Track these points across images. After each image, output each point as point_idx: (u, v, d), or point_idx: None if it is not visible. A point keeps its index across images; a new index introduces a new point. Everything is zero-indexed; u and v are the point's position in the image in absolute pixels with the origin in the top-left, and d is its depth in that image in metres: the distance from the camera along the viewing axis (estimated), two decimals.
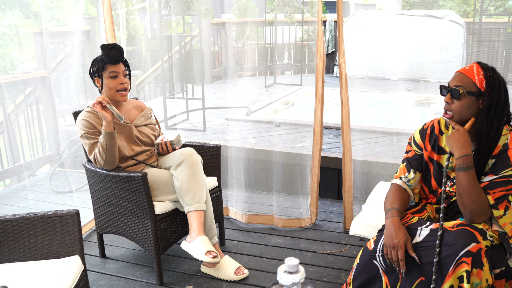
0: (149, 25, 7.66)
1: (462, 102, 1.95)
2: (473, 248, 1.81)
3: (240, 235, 3.35)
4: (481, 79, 1.94)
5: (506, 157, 1.93)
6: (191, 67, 5.67)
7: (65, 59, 4.41)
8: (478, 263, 1.82)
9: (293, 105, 6.29)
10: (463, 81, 1.95)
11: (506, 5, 4.17)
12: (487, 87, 1.93)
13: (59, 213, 2.12)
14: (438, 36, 7.33)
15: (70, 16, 4.59)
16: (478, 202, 1.91)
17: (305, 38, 8.03)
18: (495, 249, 1.93)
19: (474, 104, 1.95)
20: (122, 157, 2.76)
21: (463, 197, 1.92)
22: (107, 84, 2.70)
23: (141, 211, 2.67)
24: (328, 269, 2.86)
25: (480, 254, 1.81)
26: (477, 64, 1.97)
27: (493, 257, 1.89)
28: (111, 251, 3.15)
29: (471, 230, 1.88)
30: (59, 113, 4.54)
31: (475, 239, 1.84)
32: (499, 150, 1.96)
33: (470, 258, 1.80)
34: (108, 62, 2.67)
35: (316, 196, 3.40)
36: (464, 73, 1.97)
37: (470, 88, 1.94)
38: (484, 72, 1.94)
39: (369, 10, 11.66)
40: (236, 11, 8.00)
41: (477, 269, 1.81)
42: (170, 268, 2.92)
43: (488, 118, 1.94)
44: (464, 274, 1.80)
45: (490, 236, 1.93)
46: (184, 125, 5.15)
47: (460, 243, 1.83)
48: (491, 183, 1.94)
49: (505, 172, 1.92)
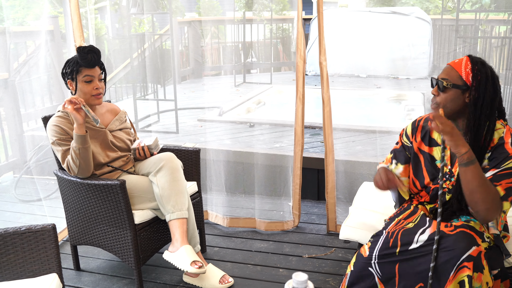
0: (111, 24, 7.42)
1: (447, 95, 1.91)
2: (473, 252, 1.76)
3: (221, 241, 3.23)
4: (468, 72, 1.90)
5: (503, 150, 1.89)
6: (161, 67, 5.50)
7: (28, 60, 4.17)
8: (479, 267, 1.76)
9: (264, 104, 6.21)
10: (450, 74, 1.93)
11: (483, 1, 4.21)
12: (473, 80, 1.89)
13: (34, 228, 1.95)
14: (405, 33, 7.39)
15: (27, 16, 4.37)
16: (492, 195, 1.81)
17: (274, 36, 7.96)
18: (492, 250, 1.89)
19: (459, 97, 1.91)
20: (97, 164, 2.59)
21: (476, 193, 1.81)
22: (82, 88, 2.53)
23: (120, 220, 2.52)
24: (316, 274, 2.79)
25: (481, 257, 1.76)
26: (467, 57, 1.93)
27: (490, 258, 1.84)
28: (86, 263, 2.97)
29: (470, 232, 1.83)
30: (23, 117, 4.30)
31: (475, 242, 1.79)
32: (494, 144, 1.91)
33: (471, 262, 1.75)
34: (84, 65, 2.50)
35: (299, 198, 3.32)
36: (452, 65, 1.94)
37: (456, 81, 1.90)
38: (472, 66, 1.90)
39: (331, 8, 11.70)
40: (199, 9, 7.85)
41: (477, 273, 1.76)
42: (150, 279, 2.77)
43: (476, 112, 1.89)
44: (466, 279, 1.75)
45: (487, 238, 1.89)
46: (155, 127, 4.99)
47: (460, 247, 1.77)
48: (495, 176, 1.86)
49: (507, 164, 1.86)
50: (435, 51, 7.01)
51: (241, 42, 6.97)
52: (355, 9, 9.16)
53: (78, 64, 2.51)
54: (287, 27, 8.65)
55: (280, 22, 8.49)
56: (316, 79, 7.48)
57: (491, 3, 4.57)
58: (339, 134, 4.40)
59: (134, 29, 5.84)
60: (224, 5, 8.25)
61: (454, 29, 4.00)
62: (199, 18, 7.46)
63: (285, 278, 2.76)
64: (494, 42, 5.05)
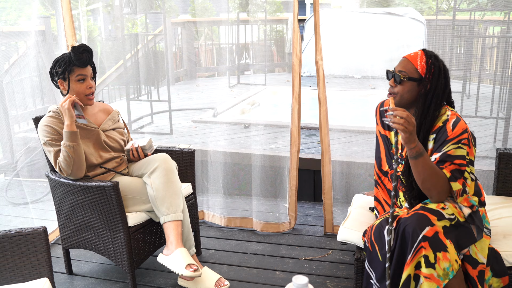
0: (103, 26, 7.35)
1: (403, 87, 2.03)
2: (428, 232, 1.83)
3: (216, 244, 3.18)
4: (423, 65, 2.01)
5: (444, 131, 1.98)
6: (154, 68, 5.44)
7: (19, 61, 4.10)
8: (439, 245, 1.82)
9: (259, 105, 6.16)
10: (407, 67, 2.03)
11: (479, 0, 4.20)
12: (427, 73, 2.01)
13: (24, 231, 1.89)
14: (400, 33, 7.37)
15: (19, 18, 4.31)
16: (442, 180, 1.92)
17: (268, 38, 7.92)
18: (460, 228, 1.91)
19: (415, 88, 2.03)
20: (89, 165, 2.54)
21: (427, 181, 1.92)
22: (75, 88, 2.48)
23: (113, 223, 2.46)
24: (313, 276, 2.74)
25: (438, 237, 1.82)
26: (422, 51, 2.05)
27: (459, 237, 1.89)
28: (78, 266, 2.91)
29: (424, 213, 1.89)
30: (13, 119, 4.22)
31: (429, 223, 1.85)
32: (438, 127, 2.02)
33: (427, 242, 1.81)
34: (77, 65, 2.45)
35: (295, 200, 3.27)
36: (409, 59, 2.05)
37: (412, 74, 2.02)
38: (426, 59, 2.02)
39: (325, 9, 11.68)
40: (193, 11, 7.79)
41: (440, 252, 1.81)
42: (144, 282, 2.72)
43: (426, 102, 2.01)
44: (422, 259, 1.81)
45: (450, 214, 1.92)
46: (149, 128, 4.93)
47: (413, 230, 1.84)
48: (439, 161, 1.96)
49: (447, 148, 1.96)
50: None
51: (235, 43, 6.92)
52: (349, 10, 9.13)
53: (71, 63, 2.45)
54: (281, 29, 8.63)
55: (274, 23, 8.45)
56: (311, 80, 7.45)
57: (488, 2, 4.56)
58: (335, 134, 4.36)
59: (127, 30, 5.78)
60: (218, 6, 8.21)
61: (450, 28, 3.98)
62: (193, 19, 7.41)
63: (281, 281, 2.72)
64: (488, 42, 5.04)
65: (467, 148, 1.95)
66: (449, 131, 1.96)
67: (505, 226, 2.25)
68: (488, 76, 5.05)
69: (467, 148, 1.95)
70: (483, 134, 4.15)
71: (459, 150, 1.94)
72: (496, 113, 3.97)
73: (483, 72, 4.80)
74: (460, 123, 1.97)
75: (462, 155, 1.94)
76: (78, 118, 2.45)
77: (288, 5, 9.83)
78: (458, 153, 1.93)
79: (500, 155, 2.61)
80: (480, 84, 4.13)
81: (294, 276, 1.20)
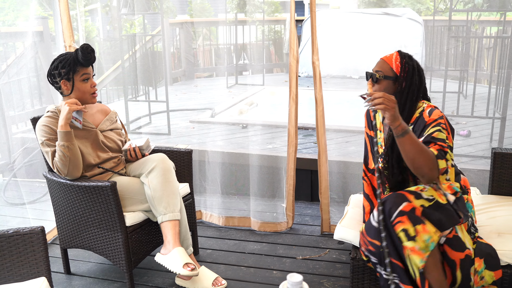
0: (102, 26, 7.36)
1: (380, 85, 2.14)
2: (405, 207, 1.89)
3: (214, 243, 3.19)
4: (397, 65, 2.13)
5: (422, 121, 2.06)
6: (152, 68, 5.45)
7: (16, 61, 4.11)
8: (416, 219, 1.88)
9: (257, 106, 6.17)
10: (383, 67, 2.16)
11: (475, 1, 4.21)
12: (401, 71, 2.12)
13: (22, 231, 1.90)
14: (397, 34, 7.39)
15: (17, 18, 4.31)
16: (431, 156, 1.94)
17: (266, 38, 7.93)
18: (440, 210, 1.94)
19: (391, 87, 2.14)
20: (87, 165, 2.55)
21: (417, 158, 1.93)
22: (80, 87, 2.50)
23: (111, 223, 2.47)
24: (310, 276, 2.75)
25: (415, 212, 1.88)
26: (397, 52, 2.17)
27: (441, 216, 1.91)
28: (76, 266, 2.92)
29: (402, 192, 1.96)
30: (11, 120, 4.23)
31: (405, 199, 1.92)
32: (415, 118, 2.10)
33: (405, 216, 1.88)
34: (84, 65, 2.47)
35: (292, 200, 3.29)
36: (385, 59, 2.18)
37: (387, 73, 2.14)
38: (401, 59, 2.13)
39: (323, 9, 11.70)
40: (191, 11, 7.81)
41: (419, 225, 1.87)
42: (142, 282, 2.73)
43: (402, 98, 2.10)
44: (402, 233, 1.87)
45: (429, 195, 1.96)
46: (147, 128, 4.94)
47: (391, 207, 1.92)
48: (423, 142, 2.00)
49: (427, 131, 2.02)
50: (427, 52, 7.01)
51: (233, 44, 6.93)
52: (347, 11, 9.15)
53: (77, 63, 2.46)
54: (279, 29, 8.64)
55: (272, 24, 8.47)
56: (309, 80, 7.45)
57: (484, 3, 4.58)
58: (332, 134, 4.38)
59: (125, 30, 5.79)
60: (215, 7, 8.22)
61: (447, 29, 4.00)
62: (191, 20, 7.42)
63: (279, 280, 2.73)
64: (485, 43, 5.06)
65: (445, 133, 2.01)
66: (426, 118, 2.05)
67: (499, 225, 2.26)
68: (485, 76, 5.07)
69: (446, 133, 2.01)
70: (479, 134, 4.17)
71: (440, 133, 1.99)
72: (492, 113, 3.99)
73: (479, 72, 4.82)
74: (435, 111, 2.06)
75: (443, 139, 1.99)
76: (74, 120, 2.44)
77: (286, 5, 9.86)
78: (439, 136, 1.99)
79: (496, 155, 2.63)
80: (477, 84, 4.15)
81: (289, 274, 1.21)
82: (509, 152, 2.63)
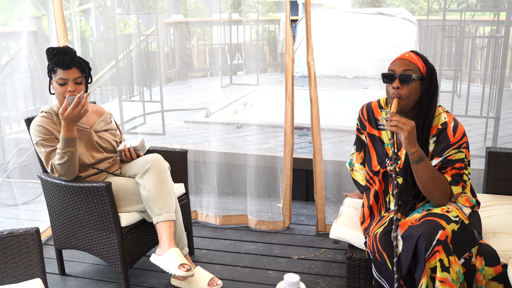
0: (95, 26, 7.33)
1: (411, 87, 1.99)
2: (441, 236, 1.84)
3: (209, 243, 3.19)
4: (422, 64, 2.02)
5: (445, 136, 2.01)
6: (146, 69, 5.44)
7: (10, 62, 4.08)
8: (449, 250, 1.84)
9: (252, 106, 6.17)
10: (411, 66, 2.00)
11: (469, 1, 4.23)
12: (427, 71, 2.03)
13: (16, 232, 1.89)
14: (391, 33, 7.40)
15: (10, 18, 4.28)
16: (442, 184, 1.97)
17: (260, 38, 7.92)
18: (464, 232, 1.94)
19: (419, 88, 2.02)
20: (82, 165, 2.54)
21: (428, 185, 1.96)
22: (56, 90, 2.47)
23: (106, 224, 2.47)
24: (305, 275, 2.76)
25: (447, 242, 1.85)
26: (413, 52, 2.06)
27: (464, 240, 1.91)
28: (71, 267, 2.91)
29: (433, 219, 1.90)
30: (5, 120, 4.20)
31: (440, 226, 1.86)
32: (437, 130, 2.04)
33: (440, 246, 1.83)
34: (56, 67, 2.44)
35: (289, 199, 3.29)
36: (409, 59, 2.02)
37: (417, 73, 2.01)
38: (422, 59, 2.04)
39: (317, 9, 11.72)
40: (185, 11, 7.78)
41: (452, 256, 1.84)
42: (137, 282, 2.72)
43: (427, 100, 2.03)
44: (438, 263, 1.81)
45: (456, 217, 1.93)
46: (141, 129, 4.92)
47: (427, 236, 1.84)
48: (440, 167, 2.01)
49: (448, 152, 2.00)
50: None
51: (228, 43, 6.93)
52: (341, 10, 9.16)
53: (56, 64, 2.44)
54: (273, 29, 8.64)
55: (266, 24, 8.46)
56: (303, 80, 7.44)
57: (477, 3, 4.60)
58: (327, 134, 4.38)
59: (120, 30, 5.77)
60: (210, 7, 8.20)
61: (441, 28, 4.01)
62: (185, 20, 7.40)
63: (274, 280, 2.73)
64: (479, 42, 5.08)
65: (465, 151, 2.01)
66: (451, 137, 2.00)
67: (495, 224, 2.27)
68: (479, 76, 5.09)
69: (466, 150, 2.01)
70: (473, 134, 4.18)
71: (459, 154, 1.99)
72: (486, 113, 4.01)
73: (473, 72, 4.84)
74: (459, 127, 2.02)
75: (461, 158, 1.99)
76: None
77: (280, 5, 9.85)
78: (458, 156, 1.99)
79: (490, 154, 2.65)
80: (471, 83, 4.16)
81: (286, 274, 1.21)
82: (503, 151, 2.64)
